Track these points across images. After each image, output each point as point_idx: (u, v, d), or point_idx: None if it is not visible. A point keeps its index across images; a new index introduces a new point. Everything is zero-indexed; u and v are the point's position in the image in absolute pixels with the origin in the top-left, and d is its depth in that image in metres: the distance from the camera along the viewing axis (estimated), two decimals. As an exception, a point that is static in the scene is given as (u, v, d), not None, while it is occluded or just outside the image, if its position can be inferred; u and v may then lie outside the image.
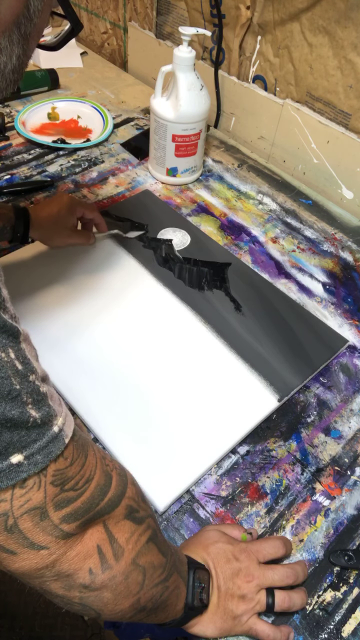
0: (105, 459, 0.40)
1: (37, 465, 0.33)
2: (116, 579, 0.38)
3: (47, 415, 0.33)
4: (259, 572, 0.49)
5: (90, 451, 0.38)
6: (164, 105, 0.86)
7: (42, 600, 1.19)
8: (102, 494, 0.38)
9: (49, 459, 0.33)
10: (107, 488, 0.39)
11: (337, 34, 0.81)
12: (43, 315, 0.70)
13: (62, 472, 0.35)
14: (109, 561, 0.38)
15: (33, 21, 0.34)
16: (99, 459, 0.39)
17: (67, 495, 0.35)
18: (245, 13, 0.92)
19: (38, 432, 0.33)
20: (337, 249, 0.87)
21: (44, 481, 0.34)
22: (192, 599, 0.45)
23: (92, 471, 0.38)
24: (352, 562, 0.53)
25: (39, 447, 0.33)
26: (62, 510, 0.35)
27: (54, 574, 0.36)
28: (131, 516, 0.40)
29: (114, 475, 0.40)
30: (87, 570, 0.37)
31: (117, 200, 0.90)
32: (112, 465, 0.41)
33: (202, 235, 0.85)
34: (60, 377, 0.64)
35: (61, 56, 1.22)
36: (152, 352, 0.68)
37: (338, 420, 0.65)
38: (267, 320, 0.73)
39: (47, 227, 0.73)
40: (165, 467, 0.58)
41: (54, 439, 0.34)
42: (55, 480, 0.34)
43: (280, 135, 1.00)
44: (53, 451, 0.34)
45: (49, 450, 0.33)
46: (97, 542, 0.38)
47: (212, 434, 0.61)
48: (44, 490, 0.34)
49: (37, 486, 0.33)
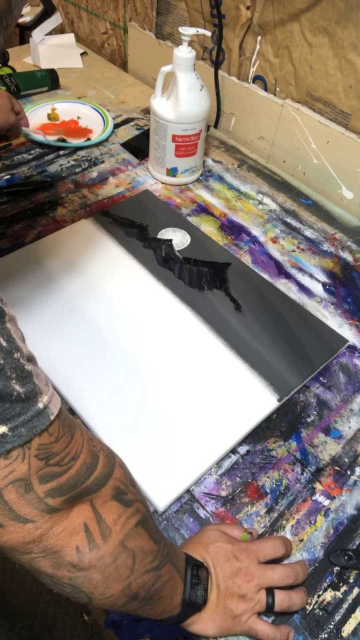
0: (92, 441, 0.41)
1: (21, 437, 0.33)
2: (104, 559, 0.39)
3: (31, 391, 0.34)
4: (258, 572, 0.49)
5: (77, 431, 0.39)
6: (164, 106, 0.86)
7: (42, 601, 1.19)
8: (89, 472, 0.39)
9: (34, 432, 0.34)
10: (94, 467, 0.39)
11: (337, 34, 0.81)
12: (40, 315, 0.70)
13: (46, 447, 0.35)
14: (96, 540, 0.39)
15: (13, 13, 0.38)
16: (86, 440, 0.40)
17: (52, 470, 0.36)
18: (245, 13, 0.92)
19: (22, 406, 0.33)
20: (337, 249, 0.87)
21: (28, 454, 0.34)
22: (190, 595, 0.45)
23: (79, 450, 0.38)
24: (352, 562, 0.53)
25: (24, 421, 0.34)
26: (46, 484, 0.36)
27: (41, 550, 0.37)
28: (119, 497, 0.41)
29: (101, 456, 0.40)
30: (74, 548, 0.38)
31: (117, 200, 0.91)
32: (99, 447, 0.41)
33: (202, 235, 0.85)
34: (60, 377, 0.64)
35: (61, 56, 1.22)
36: (152, 352, 0.68)
37: (338, 420, 0.65)
38: (267, 320, 0.73)
39: None
40: (165, 467, 0.58)
41: (39, 414, 0.34)
42: (39, 454, 0.35)
43: (280, 135, 1.00)
44: (37, 426, 0.34)
45: (33, 425, 0.34)
46: (84, 520, 0.38)
47: (212, 433, 0.61)
48: (28, 463, 0.34)
49: (22, 458, 0.34)
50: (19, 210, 0.86)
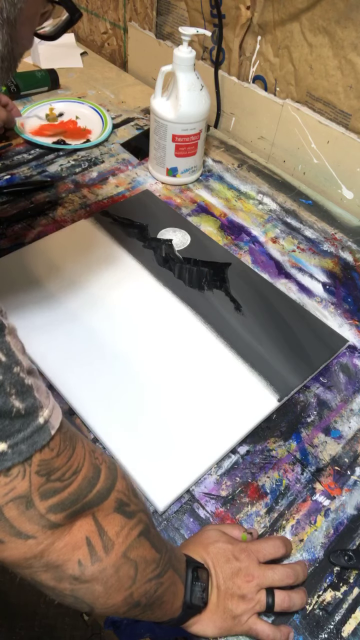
0: (94, 453, 0.40)
1: (21, 454, 0.33)
2: (106, 571, 0.38)
3: (31, 406, 0.34)
4: (258, 572, 0.49)
5: (78, 444, 0.39)
6: (164, 105, 0.86)
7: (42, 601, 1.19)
8: (90, 485, 0.38)
9: (34, 448, 0.34)
10: (96, 480, 0.39)
11: (337, 34, 0.81)
12: (40, 315, 0.70)
13: (47, 463, 0.35)
14: (99, 553, 0.38)
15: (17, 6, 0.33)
16: (87, 452, 0.39)
17: (54, 485, 0.35)
18: (245, 13, 0.92)
19: (22, 422, 0.33)
20: (337, 249, 0.87)
21: (29, 470, 0.34)
22: (191, 598, 0.45)
23: (80, 463, 0.38)
24: (352, 562, 0.53)
25: (23, 437, 0.33)
26: (48, 500, 0.35)
27: (42, 565, 0.36)
28: (121, 509, 0.40)
29: (103, 469, 0.40)
30: (76, 562, 0.37)
31: (117, 200, 0.90)
32: (101, 458, 0.41)
33: (202, 235, 0.85)
34: (59, 377, 0.64)
35: (61, 56, 1.22)
36: (152, 352, 0.68)
37: (338, 420, 0.65)
38: (267, 320, 0.73)
39: None
40: (165, 467, 0.58)
41: (39, 429, 0.34)
42: (40, 470, 0.34)
43: (280, 135, 1.00)
44: (38, 441, 0.34)
45: (33, 441, 0.34)
46: (86, 534, 0.38)
47: (212, 433, 0.61)
48: (28, 480, 0.34)
49: (22, 475, 0.34)
50: (19, 210, 0.86)
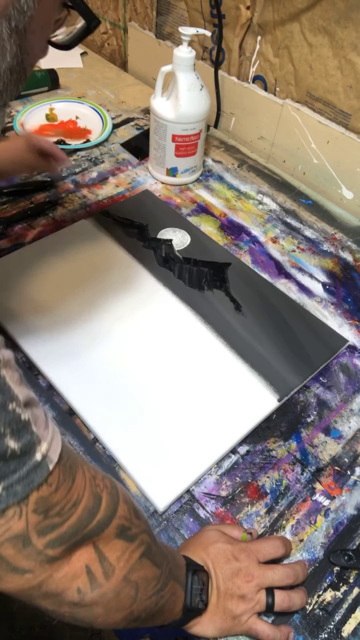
0: (95, 479, 0.39)
1: (16, 495, 0.32)
2: (107, 596, 0.38)
3: (28, 443, 0.33)
4: (258, 572, 0.49)
5: (78, 472, 0.38)
6: (164, 105, 0.86)
7: (42, 601, 1.19)
8: (91, 516, 0.37)
9: (31, 488, 0.33)
10: (96, 510, 0.38)
11: (337, 34, 0.81)
12: (39, 313, 0.70)
13: (45, 499, 0.34)
14: (99, 580, 0.37)
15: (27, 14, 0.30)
16: (88, 480, 0.38)
17: (52, 521, 0.34)
18: (245, 13, 0.92)
19: (18, 462, 0.32)
20: (337, 249, 0.87)
21: (25, 510, 0.33)
22: (191, 601, 0.45)
23: (80, 494, 0.37)
24: (352, 562, 0.53)
25: (19, 477, 0.32)
26: (46, 536, 0.34)
27: (41, 594, 0.36)
28: (123, 535, 0.39)
29: (104, 496, 0.39)
30: (75, 590, 0.36)
31: (117, 200, 0.90)
32: (102, 484, 0.40)
33: (202, 235, 0.85)
34: (59, 377, 0.64)
35: (61, 56, 1.21)
36: (152, 352, 0.68)
37: (338, 420, 0.65)
38: (267, 320, 0.73)
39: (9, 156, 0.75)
40: (165, 467, 0.58)
41: (36, 467, 0.33)
42: (38, 508, 0.33)
43: (280, 135, 1.00)
44: (35, 480, 0.33)
45: (30, 480, 0.33)
46: (86, 562, 0.37)
47: (212, 434, 0.61)
48: (25, 519, 0.33)
49: (18, 515, 0.33)
50: (18, 210, 0.86)
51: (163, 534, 0.55)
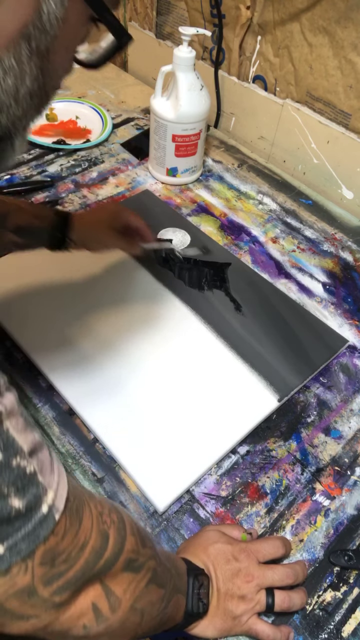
0: (102, 515, 0.38)
1: (20, 553, 0.31)
2: (112, 627, 0.37)
3: (34, 498, 0.31)
4: (258, 572, 0.49)
5: (85, 512, 0.36)
6: (164, 105, 0.86)
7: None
8: (98, 557, 0.36)
9: (36, 543, 0.31)
10: (104, 550, 0.37)
11: (337, 34, 0.81)
12: (39, 314, 0.70)
13: (52, 550, 0.33)
14: (105, 614, 0.37)
15: (50, 33, 0.27)
16: (95, 518, 0.37)
17: (59, 569, 0.33)
18: (245, 13, 0.92)
19: (22, 520, 0.31)
20: (337, 249, 0.87)
21: (31, 565, 0.32)
22: (192, 607, 0.45)
23: (87, 535, 0.36)
24: (352, 562, 0.53)
25: (24, 535, 0.31)
26: (52, 585, 0.33)
27: (46, 633, 0.35)
28: (130, 567, 0.39)
29: (112, 533, 0.38)
30: (81, 627, 0.36)
31: (117, 200, 0.90)
32: (110, 520, 0.38)
33: (202, 235, 0.85)
34: (59, 377, 0.64)
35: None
36: (152, 352, 0.68)
37: (338, 420, 0.65)
38: (267, 320, 0.73)
39: (89, 229, 0.69)
40: (165, 467, 0.58)
41: (42, 521, 0.32)
42: (44, 561, 0.32)
43: (280, 135, 1.00)
44: (41, 534, 0.32)
45: (35, 535, 0.31)
46: (92, 600, 0.36)
47: (212, 434, 0.61)
48: (31, 573, 0.32)
49: (23, 571, 0.31)
50: (18, 210, 0.86)
51: (163, 534, 0.55)
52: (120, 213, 0.71)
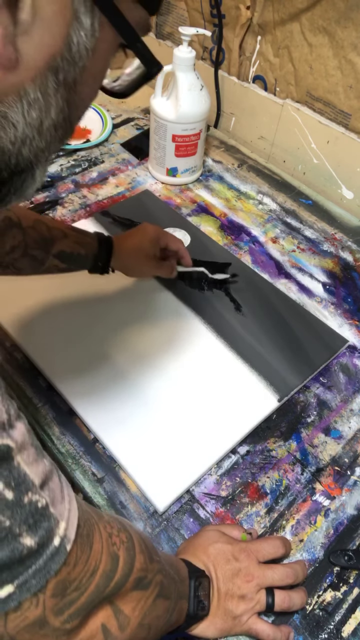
0: (111, 537, 0.37)
1: (30, 589, 0.30)
2: None
3: (46, 533, 0.31)
4: (258, 572, 0.49)
5: (95, 536, 0.36)
6: (164, 105, 0.86)
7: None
8: (109, 580, 0.36)
9: (47, 578, 0.31)
10: (114, 573, 0.36)
11: (337, 34, 0.81)
12: (39, 313, 0.70)
13: (63, 581, 0.32)
14: (114, 634, 0.36)
15: (78, 64, 0.26)
16: (105, 541, 0.36)
17: (70, 598, 0.33)
18: (245, 13, 0.92)
19: (34, 556, 0.30)
20: (337, 249, 0.87)
21: (42, 598, 0.31)
22: (194, 609, 0.45)
23: (98, 560, 0.35)
24: (352, 562, 0.53)
25: (35, 571, 0.30)
26: (64, 614, 0.32)
27: None
28: (139, 585, 0.38)
29: (121, 554, 0.37)
30: None
31: (117, 200, 0.90)
32: (119, 541, 0.38)
33: (202, 235, 0.85)
34: (60, 377, 0.64)
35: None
36: (152, 352, 0.68)
37: (338, 420, 0.65)
38: (267, 320, 0.73)
39: (130, 257, 0.69)
40: (165, 467, 0.58)
41: (54, 554, 0.31)
42: (55, 592, 0.32)
43: (280, 135, 1.00)
44: (52, 568, 0.31)
45: (47, 570, 0.31)
46: (102, 621, 0.36)
47: (212, 434, 0.61)
48: (42, 606, 0.31)
49: (35, 605, 0.31)
50: (18, 210, 0.86)
51: (163, 534, 0.55)
52: (160, 238, 0.70)
